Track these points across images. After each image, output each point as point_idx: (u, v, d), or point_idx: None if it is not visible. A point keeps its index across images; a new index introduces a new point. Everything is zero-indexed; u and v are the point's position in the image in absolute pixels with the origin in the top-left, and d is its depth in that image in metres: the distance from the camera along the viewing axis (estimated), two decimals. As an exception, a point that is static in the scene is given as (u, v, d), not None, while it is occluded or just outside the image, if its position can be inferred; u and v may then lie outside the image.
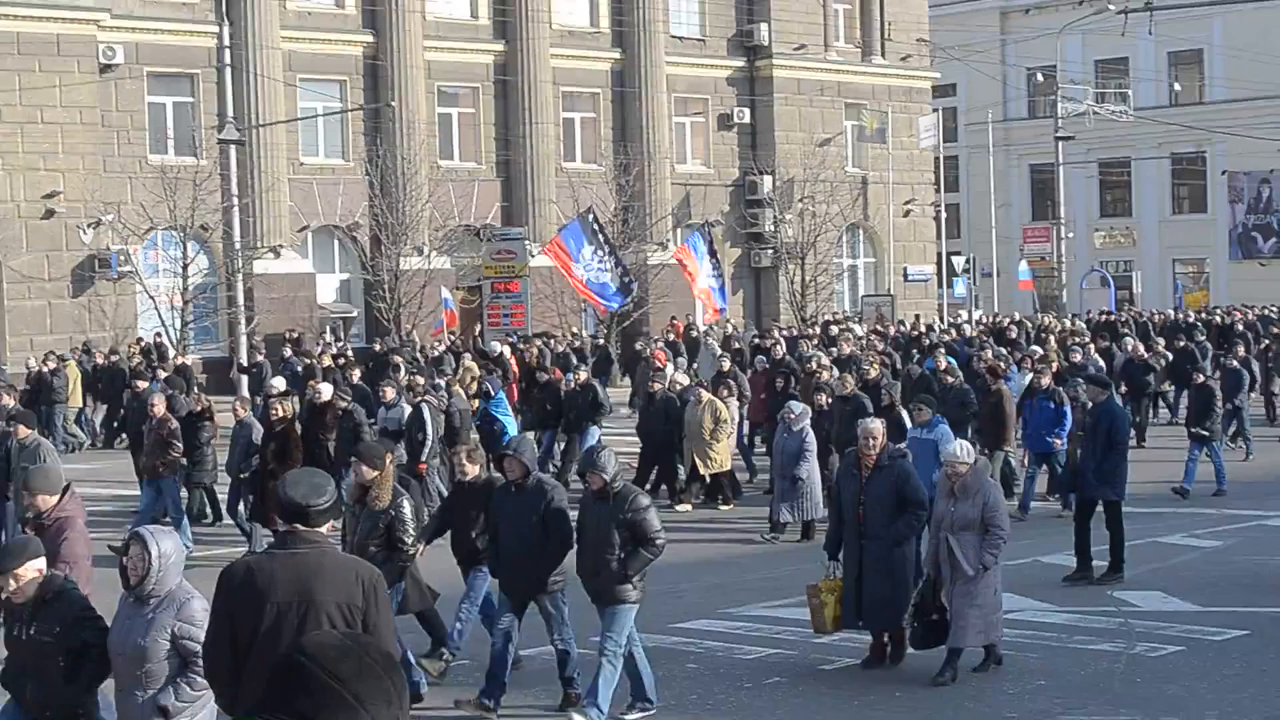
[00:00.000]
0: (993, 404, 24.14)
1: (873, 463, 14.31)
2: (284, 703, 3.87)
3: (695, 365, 37.49)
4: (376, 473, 13.13)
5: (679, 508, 24.45)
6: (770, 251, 56.14)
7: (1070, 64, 71.55)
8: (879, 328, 46.71)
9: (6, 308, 43.12)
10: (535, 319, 47.20)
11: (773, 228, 55.60)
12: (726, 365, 31.03)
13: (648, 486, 25.16)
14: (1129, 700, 13.38)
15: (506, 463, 13.24)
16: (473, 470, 14.44)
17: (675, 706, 13.37)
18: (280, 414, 21.01)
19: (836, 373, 26.87)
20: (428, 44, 49.76)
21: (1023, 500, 23.10)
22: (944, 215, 65.75)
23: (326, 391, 24.12)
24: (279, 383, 26.15)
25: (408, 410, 23.86)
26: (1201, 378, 26.43)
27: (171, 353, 39.84)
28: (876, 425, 14.73)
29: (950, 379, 26.14)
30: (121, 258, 43.28)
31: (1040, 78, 70.34)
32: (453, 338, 42.26)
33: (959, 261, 64.08)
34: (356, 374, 30.06)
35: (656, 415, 25.50)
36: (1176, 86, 76.76)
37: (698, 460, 24.53)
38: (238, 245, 44.29)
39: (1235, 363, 30.55)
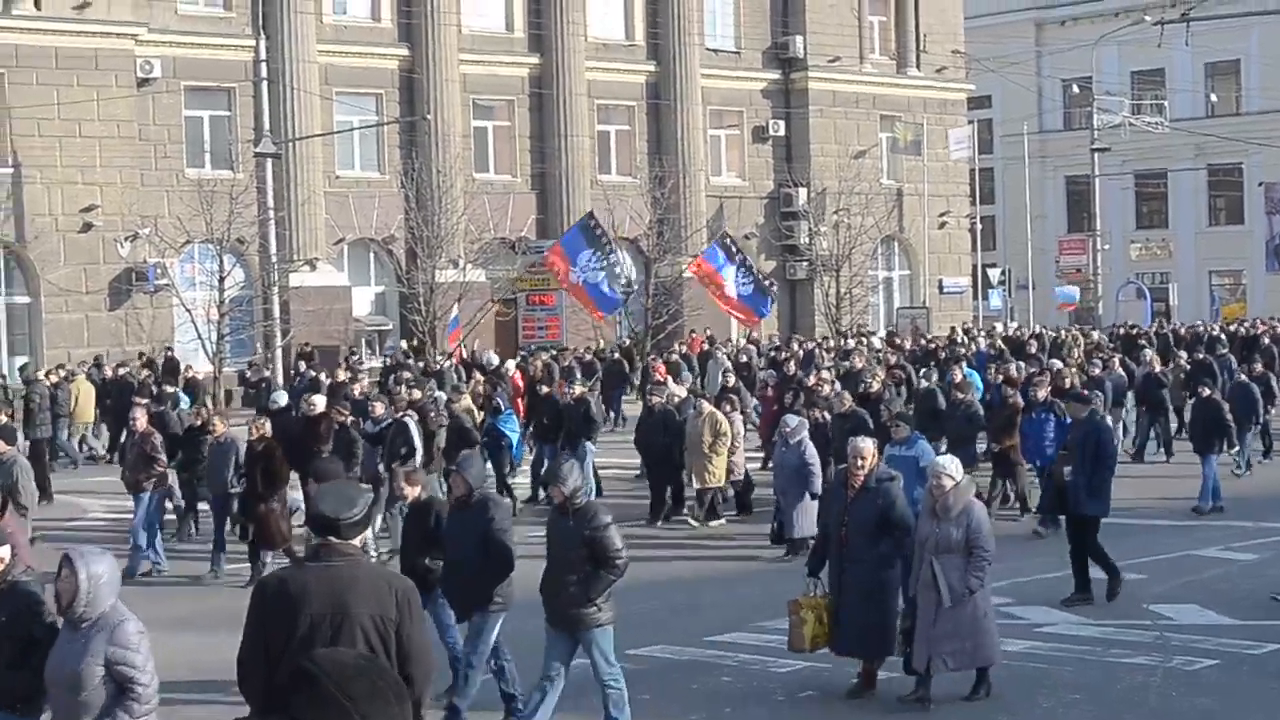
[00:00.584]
0: (1007, 416, 23.97)
1: (859, 483, 13.70)
2: (291, 708, 3.89)
3: (704, 380, 37.29)
4: None
5: (712, 524, 24.16)
6: (805, 264, 56.12)
7: (1106, 75, 71.38)
8: (895, 341, 46.58)
9: (44, 320, 43.37)
10: (570, 331, 47.29)
11: (808, 240, 55.56)
12: (731, 380, 30.79)
13: (666, 507, 24.87)
14: (1164, 714, 13.33)
15: (451, 479, 13.12)
16: (411, 492, 14.15)
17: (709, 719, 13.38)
18: (256, 434, 20.63)
19: (839, 387, 26.65)
20: (463, 57, 49.90)
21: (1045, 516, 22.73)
22: (979, 227, 65.67)
23: (320, 404, 23.95)
24: (281, 397, 25.95)
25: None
26: (1206, 391, 25.89)
27: (184, 365, 39.92)
28: (868, 445, 14.07)
29: (960, 394, 25.67)
30: (158, 271, 43.49)
31: (1076, 89, 70.14)
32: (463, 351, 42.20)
33: (994, 274, 64.02)
34: (358, 389, 29.86)
35: (654, 428, 25.13)
36: (1213, 97, 76.48)
37: (694, 473, 24.11)
38: (274, 258, 44.47)
39: (1245, 377, 29.85)
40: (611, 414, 39.98)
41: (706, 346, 44.99)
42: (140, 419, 22.14)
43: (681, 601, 18.16)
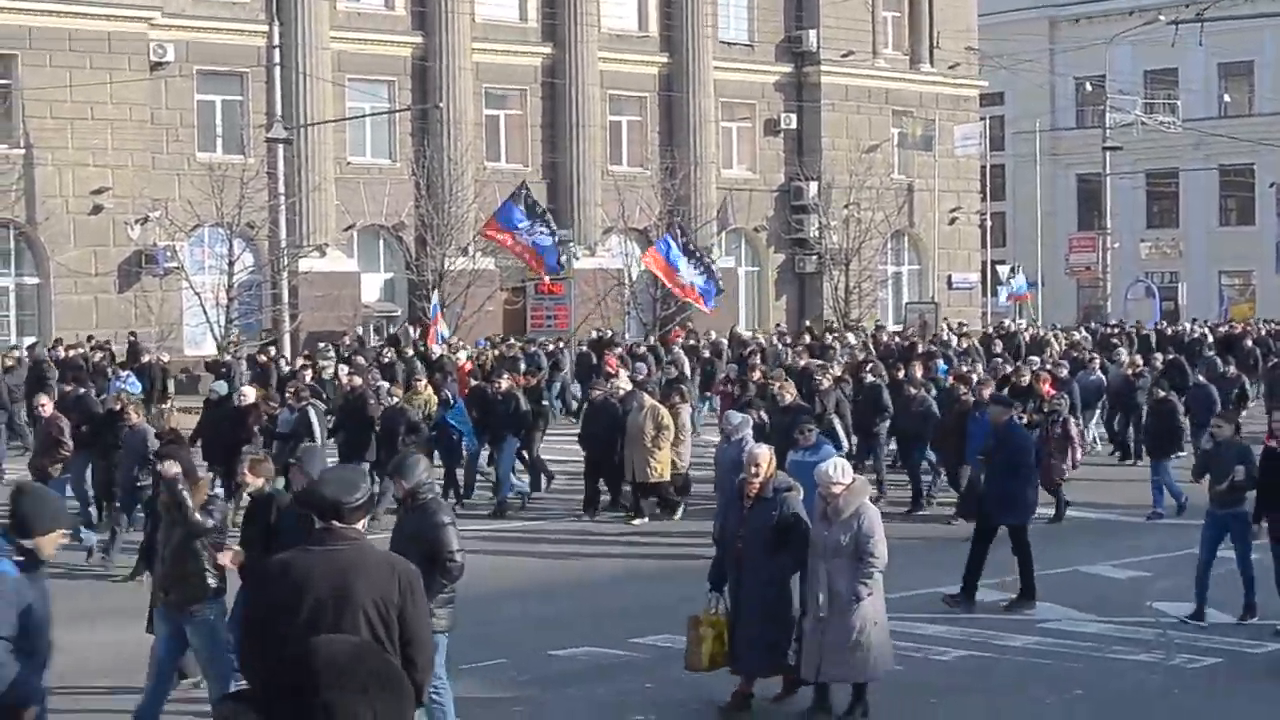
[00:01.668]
0: (959, 413, 23.64)
1: (755, 492, 13.07)
2: (285, 697, 3.90)
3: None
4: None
5: (635, 521, 23.67)
6: (814, 257, 56.09)
7: (1119, 74, 71.30)
8: (880, 337, 46.27)
9: (54, 302, 43.42)
10: (579, 320, 47.28)
11: (817, 234, 55.54)
12: (675, 372, 30.30)
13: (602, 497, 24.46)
14: (1167, 711, 13.36)
15: (291, 473, 12.66)
16: (255, 481, 13.38)
17: (701, 712, 13.38)
18: (168, 425, 20.21)
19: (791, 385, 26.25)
20: (476, 46, 49.88)
21: None
22: (990, 224, 65.62)
23: (251, 394, 23.71)
24: (221, 387, 25.32)
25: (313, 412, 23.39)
26: (1162, 394, 25.38)
27: (147, 353, 39.52)
28: (762, 452, 13.43)
29: (912, 390, 25.27)
30: (168, 254, 43.50)
31: (1089, 87, 70.06)
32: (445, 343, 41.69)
33: (1004, 270, 63.95)
34: (308, 376, 29.43)
35: (598, 421, 24.62)
36: (1226, 98, 76.39)
37: (635, 468, 23.53)
38: (284, 243, 44.49)
39: (1203, 379, 29.20)
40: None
41: (690, 340, 44.50)
42: (46, 405, 21.78)
43: (669, 592, 18.17)
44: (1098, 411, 31.75)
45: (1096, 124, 68.00)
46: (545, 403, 28.69)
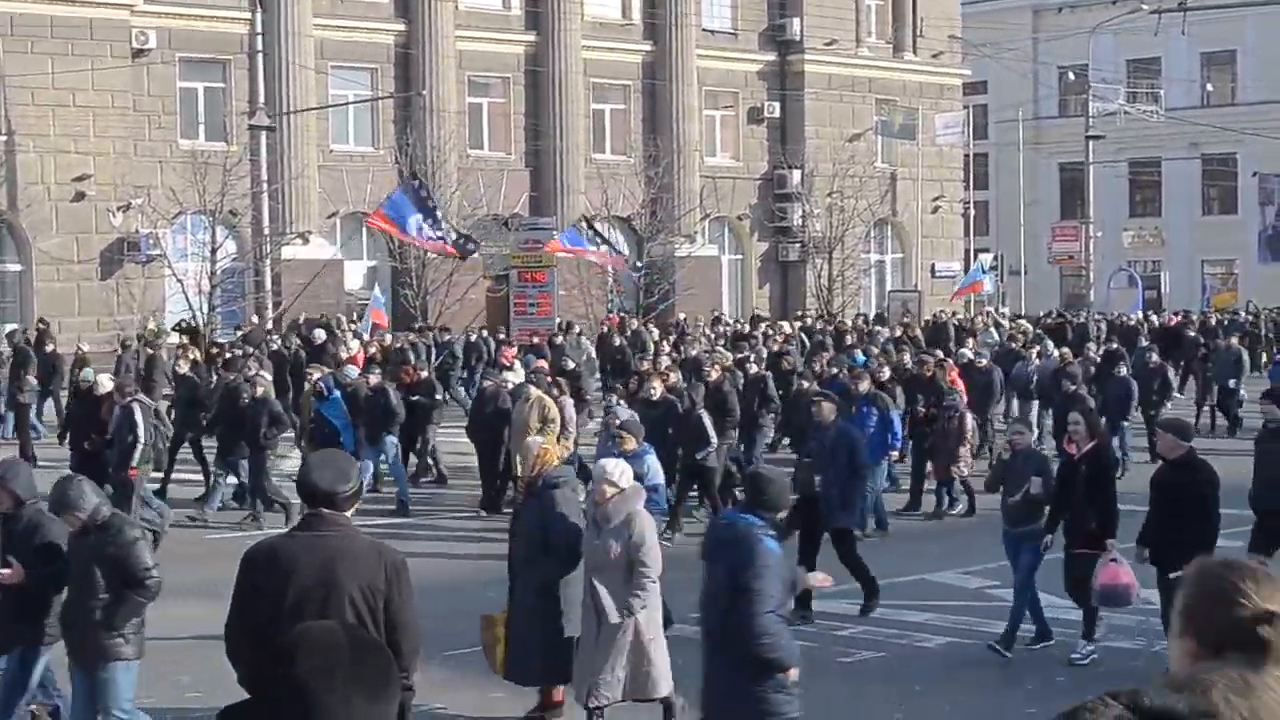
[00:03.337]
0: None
1: (524, 487, 12.55)
2: (271, 682, 3.89)
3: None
4: None
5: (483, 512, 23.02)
6: (798, 246, 56.12)
7: (1102, 63, 71.35)
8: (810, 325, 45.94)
9: (36, 289, 43.34)
10: (562, 309, 47.26)
11: (800, 222, 55.57)
12: (570, 365, 29.84)
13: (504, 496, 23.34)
14: (1148, 698, 13.37)
15: None
16: None
17: (695, 699, 13.40)
18: None
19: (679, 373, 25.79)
20: (459, 34, 49.83)
21: (878, 516, 21.72)
22: (973, 212, 65.70)
23: (106, 383, 23.05)
24: (89, 374, 24.41)
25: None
26: (1073, 387, 24.93)
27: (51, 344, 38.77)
28: (532, 442, 12.84)
29: (805, 383, 24.75)
30: (150, 241, 43.43)
31: (1071, 76, 70.10)
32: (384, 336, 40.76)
33: (986, 259, 63.98)
34: (185, 366, 28.39)
35: (484, 413, 24.02)
36: (1208, 87, 76.52)
37: (518, 462, 23.06)
38: (266, 231, 44.40)
39: (1124, 371, 28.46)
40: None
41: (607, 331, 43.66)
42: None
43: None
44: (1034, 403, 31.36)
45: (1079, 113, 67.94)
46: (438, 395, 27.76)
